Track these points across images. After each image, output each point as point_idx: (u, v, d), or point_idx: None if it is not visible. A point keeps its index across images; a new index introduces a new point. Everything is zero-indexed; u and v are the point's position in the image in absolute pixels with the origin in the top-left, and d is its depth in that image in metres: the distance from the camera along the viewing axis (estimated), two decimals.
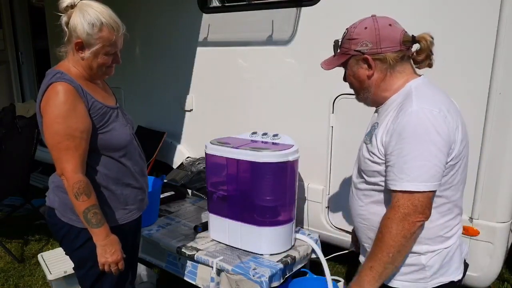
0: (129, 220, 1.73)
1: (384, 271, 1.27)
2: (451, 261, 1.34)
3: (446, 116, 1.22)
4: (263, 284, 2.01)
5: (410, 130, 1.21)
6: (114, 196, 1.66)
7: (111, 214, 1.66)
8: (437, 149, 1.19)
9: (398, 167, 1.22)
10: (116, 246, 1.58)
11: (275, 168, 2.19)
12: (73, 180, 1.48)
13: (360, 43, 1.32)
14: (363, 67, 1.35)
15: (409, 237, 1.23)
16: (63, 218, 1.64)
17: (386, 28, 1.31)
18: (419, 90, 1.30)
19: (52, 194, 1.68)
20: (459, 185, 1.31)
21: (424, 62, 1.35)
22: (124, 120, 1.72)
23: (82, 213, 1.50)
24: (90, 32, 1.50)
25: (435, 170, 1.20)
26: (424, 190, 1.20)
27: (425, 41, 1.31)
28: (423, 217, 1.23)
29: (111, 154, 1.62)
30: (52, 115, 1.48)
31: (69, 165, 1.48)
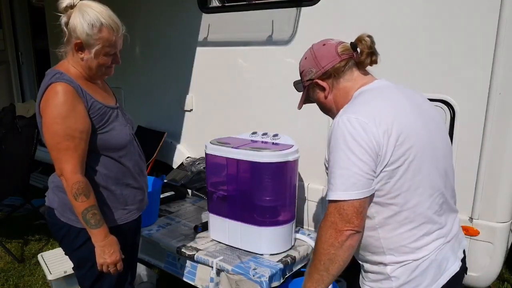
0: (129, 220, 1.73)
1: (321, 279, 1.27)
2: (422, 276, 1.28)
3: (367, 122, 1.20)
4: (263, 284, 2.01)
5: (332, 140, 1.24)
6: (113, 196, 1.66)
7: (110, 214, 1.65)
8: (355, 157, 1.19)
9: (328, 177, 1.26)
10: (114, 247, 1.57)
11: (275, 168, 2.19)
12: (72, 180, 1.48)
13: (307, 73, 1.43)
14: (318, 91, 1.45)
15: (338, 247, 1.21)
16: (63, 218, 1.63)
17: (321, 49, 1.41)
18: (356, 97, 1.34)
19: (51, 194, 1.68)
20: (413, 191, 1.25)
21: (367, 60, 1.37)
22: (124, 120, 1.72)
23: (81, 213, 1.50)
24: (89, 32, 1.50)
25: (355, 178, 1.19)
26: (346, 198, 1.19)
27: (362, 42, 1.36)
28: (351, 226, 1.20)
29: (110, 154, 1.62)
30: (52, 116, 1.48)
31: (68, 166, 1.48)
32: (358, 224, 1.21)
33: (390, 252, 1.29)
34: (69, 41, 1.55)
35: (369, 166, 1.19)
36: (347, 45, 1.39)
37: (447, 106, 2.07)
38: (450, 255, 1.33)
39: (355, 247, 1.25)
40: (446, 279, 1.31)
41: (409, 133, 1.23)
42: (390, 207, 1.26)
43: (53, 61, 4.42)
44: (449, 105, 2.07)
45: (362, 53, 1.36)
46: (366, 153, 1.19)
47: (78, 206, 1.50)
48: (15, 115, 3.39)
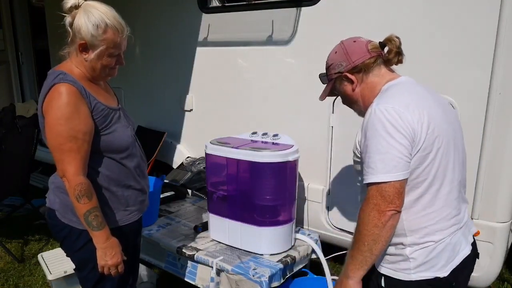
0: (130, 222, 1.72)
1: (364, 260, 1.34)
2: (438, 257, 1.37)
3: (403, 111, 1.30)
4: (263, 284, 2.01)
5: (370, 128, 1.33)
6: (115, 197, 1.65)
7: (112, 215, 1.65)
8: (394, 141, 1.28)
9: (366, 162, 1.33)
10: (116, 248, 1.57)
11: (275, 168, 2.19)
12: (75, 182, 1.47)
13: (336, 66, 1.51)
14: (346, 84, 1.52)
15: (381, 227, 1.29)
16: (64, 220, 1.62)
17: (352, 45, 1.49)
18: (386, 91, 1.43)
19: (52, 195, 1.67)
20: (438, 176, 1.35)
21: (395, 59, 1.48)
22: (126, 121, 1.71)
23: (83, 215, 1.49)
24: (94, 33, 1.49)
25: (396, 161, 1.28)
26: (388, 180, 1.28)
27: (391, 42, 1.46)
28: (393, 207, 1.29)
29: (113, 156, 1.62)
30: (55, 117, 1.47)
31: (71, 167, 1.47)
32: (399, 204, 1.30)
33: (411, 234, 1.36)
34: (73, 41, 1.54)
35: (407, 150, 1.29)
36: (376, 44, 1.49)
37: None
38: (462, 239, 1.42)
39: (395, 226, 1.33)
40: (459, 261, 1.39)
41: (436, 123, 1.34)
42: (416, 191, 1.34)
43: (53, 61, 4.42)
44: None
45: (391, 52, 1.47)
46: (404, 137, 1.28)
47: (80, 208, 1.48)
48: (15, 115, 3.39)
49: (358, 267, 1.36)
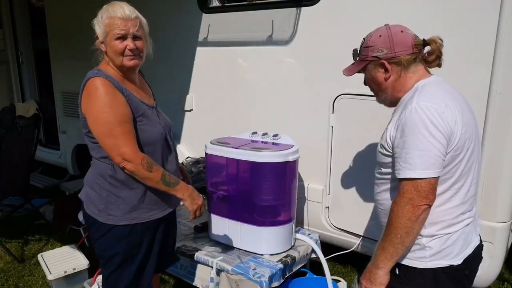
0: (156, 218, 1.77)
1: (395, 251, 1.40)
2: (452, 246, 1.43)
3: (444, 111, 1.34)
4: (263, 284, 2.01)
5: (410, 125, 1.35)
6: (134, 194, 1.70)
7: (138, 210, 1.71)
8: (435, 140, 1.32)
9: (402, 158, 1.36)
10: (195, 192, 1.73)
11: (275, 168, 2.19)
12: (139, 158, 1.57)
13: (376, 50, 1.49)
14: (380, 71, 1.51)
15: (415, 220, 1.35)
16: (88, 211, 1.75)
17: (399, 34, 1.47)
18: (423, 89, 1.44)
19: (83, 189, 1.81)
20: (462, 175, 1.41)
21: (434, 62, 1.51)
22: (159, 119, 1.79)
23: (160, 180, 1.62)
24: (99, 23, 1.63)
25: (434, 159, 1.32)
26: (425, 176, 1.33)
27: (435, 43, 1.48)
28: (427, 202, 1.34)
29: (140, 149, 1.66)
30: (98, 107, 1.56)
31: (128, 148, 1.57)
32: (432, 199, 1.36)
33: (430, 226, 1.42)
34: (96, 39, 1.67)
35: (445, 149, 1.34)
36: (420, 40, 1.49)
37: None
38: (473, 230, 1.51)
39: (426, 220, 1.38)
40: (471, 250, 1.47)
41: (467, 124, 1.40)
42: (441, 186, 1.39)
43: (53, 61, 4.42)
44: None
45: (433, 53, 1.49)
46: (443, 137, 1.33)
47: (155, 176, 1.61)
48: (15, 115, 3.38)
49: (388, 258, 1.41)
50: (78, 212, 3.15)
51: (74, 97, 4.23)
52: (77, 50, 4.10)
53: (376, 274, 1.45)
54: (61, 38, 4.24)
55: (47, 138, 5.01)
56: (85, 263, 2.84)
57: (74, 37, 4.08)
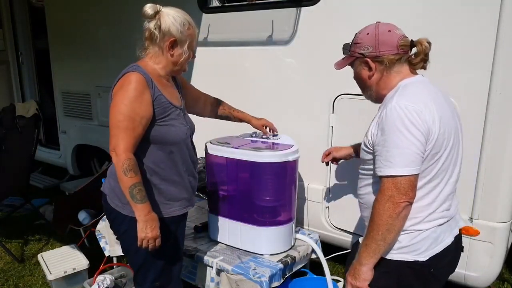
0: (171, 216, 1.82)
1: (377, 248, 1.43)
2: (420, 243, 1.46)
3: (422, 110, 1.36)
4: (263, 284, 2.01)
5: (390, 123, 1.38)
6: (157, 190, 1.77)
7: (155, 207, 1.73)
8: (413, 138, 1.35)
9: (383, 156, 1.39)
10: (156, 223, 1.67)
11: (275, 168, 2.19)
12: (124, 157, 1.60)
13: (363, 47, 1.52)
14: (364, 68, 1.55)
15: (395, 217, 1.37)
16: (112, 204, 1.79)
17: (385, 34, 1.49)
18: (405, 88, 1.47)
19: (106, 181, 1.86)
20: (438, 174, 1.44)
21: (419, 64, 1.52)
22: (185, 121, 1.85)
23: (128, 188, 1.60)
24: (182, 30, 1.72)
25: (413, 157, 1.35)
26: (405, 174, 1.36)
27: (421, 45, 1.48)
28: (407, 198, 1.37)
29: (163, 147, 1.74)
30: (121, 97, 1.64)
31: (123, 143, 1.60)
32: (412, 196, 1.38)
33: None
34: (161, 41, 1.73)
35: (423, 147, 1.37)
36: (408, 41, 1.50)
37: None
38: (447, 230, 1.52)
39: (407, 216, 1.41)
40: (440, 249, 1.49)
41: (447, 125, 1.43)
42: (419, 183, 1.41)
43: (53, 61, 4.42)
44: None
45: (418, 55, 1.50)
46: (422, 135, 1.36)
47: (126, 181, 1.60)
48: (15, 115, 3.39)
49: (371, 254, 1.44)
50: (78, 212, 3.16)
51: (74, 97, 4.26)
52: (77, 50, 4.10)
53: (360, 270, 1.47)
54: (61, 38, 4.24)
55: (47, 138, 5.01)
56: (85, 263, 2.84)
57: (74, 37, 4.08)
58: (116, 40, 3.64)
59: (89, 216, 3.09)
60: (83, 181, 3.77)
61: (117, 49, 3.62)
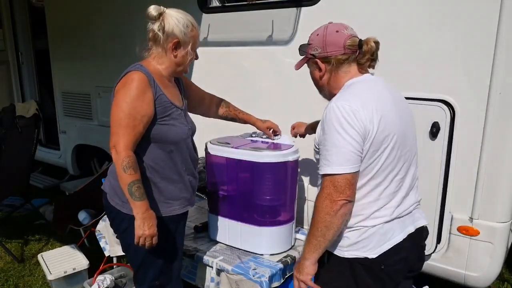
0: (170, 215, 1.84)
1: (318, 244, 1.47)
2: (368, 239, 1.50)
3: (358, 110, 1.40)
4: (263, 284, 2.01)
5: (328, 123, 1.43)
6: (157, 188, 1.79)
7: (152, 205, 1.74)
8: (349, 137, 1.39)
9: (323, 155, 1.44)
10: (153, 221, 1.68)
11: (275, 168, 2.19)
12: (124, 154, 1.61)
13: (313, 48, 1.58)
14: (316, 69, 1.60)
15: (333, 215, 1.41)
16: (112, 202, 1.80)
17: (333, 35, 1.53)
18: (348, 88, 1.52)
19: (106, 179, 1.87)
20: (380, 172, 1.47)
21: (366, 64, 1.55)
22: (186, 121, 1.86)
23: (127, 185, 1.62)
24: (186, 31, 1.73)
25: (349, 155, 1.39)
26: (341, 172, 1.39)
27: (367, 45, 1.51)
28: (344, 197, 1.40)
29: (162, 146, 1.76)
30: (123, 95, 1.66)
31: (123, 141, 1.62)
32: (350, 194, 1.41)
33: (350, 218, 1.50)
34: (165, 42, 1.74)
35: (360, 145, 1.40)
36: (355, 41, 1.52)
37: (447, 106, 2.07)
38: (397, 228, 1.54)
39: (347, 215, 1.45)
40: (389, 246, 1.51)
41: (388, 123, 1.44)
42: (359, 182, 1.46)
43: (53, 61, 4.42)
44: (449, 105, 2.07)
45: (364, 55, 1.53)
46: (358, 134, 1.39)
47: (125, 178, 1.61)
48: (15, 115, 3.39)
49: (313, 250, 1.49)
50: (78, 212, 3.16)
51: (74, 97, 4.26)
52: (77, 50, 4.10)
53: (303, 265, 1.52)
54: (61, 38, 4.24)
55: (47, 138, 5.01)
56: (85, 263, 2.84)
57: (74, 37, 4.08)
58: (116, 40, 3.64)
59: (89, 216, 3.09)
60: (83, 181, 3.77)
61: (117, 49, 3.62)
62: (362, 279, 1.53)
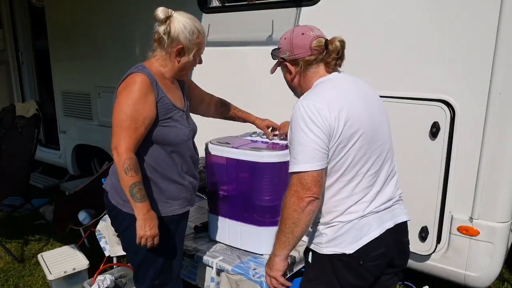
0: (170, 214, 1.85)
1: (287, 241, 1.50)
2: (345, 235, 1.51)
3: (322, 108, 1.42)
4: (263, 284, 2.01)
5: (293, 122, 1.46)
6: (158, 188, 1.79)
7: (153, 205, 1.75)
8: (313, 135, 1.41)
9: (291, 153, 1.47)
10: (154, 221, 1.69)
11: (275, 168, 2.18)
12: (126, 156, 1.62)
13: (282, 52, 1.62)
14: (287, 71, 1.64)
15: (300, 211, 1.44)
16: (113, 201, 1.81)
17: (298, 37, 1.56)
18: (314, 87, 1.55)
19: (108, 179, 1.89)
20: (351, 169, 1.48)
21: (332, 63, 1.56)
22: (187, 122, 1.87)
23: (128, 187, 1.63)
24: (190, 38, 1.73)
25: (314, 153, 1.41)
26: (307, 170, 1.41)
27: (332, 45, 1.54)
28: (310, 194, 1.42)
29: (164, 147, 1.77)
30: (125, 97, 1.67)
31: (125, 143, 1.63)
32: (316, 192, 1.43)
33: (326, 215, 1.54)
34: (169, 46, 1.73)
35: (324, 143, 1.42)
36: (321, 41, 1.55)
37: (447, 106, 2.08)
38: (374, 223, 1.54)
39: (315, 211, 1.47)
40: (366, 241, 1.52)
41: (355, 119, 1.46)
42: (330, 179, 1.49)
43: (53, 61, 4.42)
44: (449, 105, 2.07)
45: (330, 55, 1.55)
46: (322, 132, 1.41)
47: (127, 180, 1.62)
48: (15, 115, 3.39)
49: (282, 246, 1.52)
50: (78, 212, 3.16)
51: (74, 97, 4.26)
52: (77, 50, 4.11)
53: (274, 261, 1.56)
54: (61, 38, 4.24)
55: (47, 138, 5.01)
56: (85, 263, 2.84)
57: (74, 37, 4.09)
58: (116, 40, 3.64)
59: (89, 216, 3.09)
60: (83, 181, 3.77)
61: (117, 49, 3.62)
62: (342, 275, 1.55)
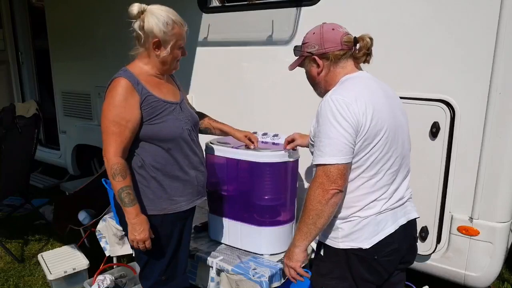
0: (176, 211, 1.85)
1: (309, 232, 1.52)
2: (361, 230, 1.54)
3: (351, 103, 1.45)
4: (263, 284, 2.01)
5: (322, 115, 1.49)
6: (160, 186, 1.79)
7: (157, 203, 1.78)
8: (342, 129, 1.44)
9: (317, 146, 1.50)
10: (144, 225, 1.71)
11: (275, 168, 2.19)
12: (113, 161, 1.64)
13: (310, 46, 1.63)
14: (313, 65, 1.66)
15: (324, 203, 1.46)
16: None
17: (329, 32, 1.60)
18: (343, 83, 1.58)
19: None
20: (374, 165, 1.52)
21: (362, 58, 1.61)
22: (183, 115, 1.84)
23: (117, 192, 1.66)
24: (165, 30, 1.70)
25: (342, 146, 1.44)
26: (334, 162, 1.44)
27: (363, 41, 1.58)
28: (335, 186, 1.45)
29: (161, 145, 1.76)
30: (107, 103, 1.68)
31: (111, 148, 1.65)
32: (341, 184, 1.46)
33: (344, 209, 1.56)
34: (145, 42, 1.72)
35: (352, 138, 1.45)
36: (351, 38, 1.60)
37: (447, 106, 2.07)
38: (389, 219, 1.58)
39: (338, 204, 1.50)
40: (382, 237, 1.56)
41: (381, 117, 1.50)
42: (352, 174, 1.52)
43: (53, 61, 4.42)
44: (449, 105, 2.07)
45: (360, 50, 1.59)
46: (350, 126, 1.44)
47: (115, 185, 1.66)
48: (15, 115, 3.39)
49: (303, 237, 1.54)
50: (78, 212, 3.16)
51: (74, 97, 4.26)
52: (77, 50, 4.11)
53: (294, 252, 1.58)
54: (61, 38, 4.24)
55: (47, 138, 5.01)
56: (85, 263, 2.84)
57: (74, 37, 4.09)
58: (115, 40, 3.64)
59: (89, 216, 3.10)
60: (83, 181, 3.77)
61: (117, 49, 3.62)
62: (357, 270, 1.57)
